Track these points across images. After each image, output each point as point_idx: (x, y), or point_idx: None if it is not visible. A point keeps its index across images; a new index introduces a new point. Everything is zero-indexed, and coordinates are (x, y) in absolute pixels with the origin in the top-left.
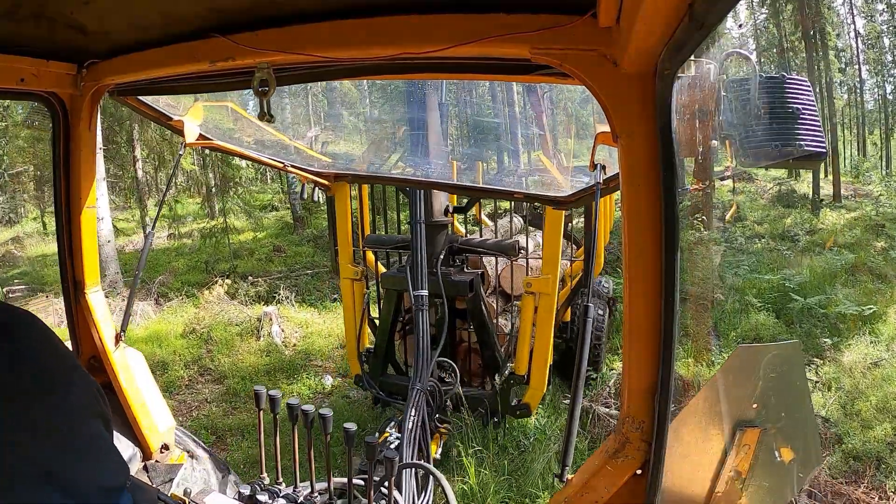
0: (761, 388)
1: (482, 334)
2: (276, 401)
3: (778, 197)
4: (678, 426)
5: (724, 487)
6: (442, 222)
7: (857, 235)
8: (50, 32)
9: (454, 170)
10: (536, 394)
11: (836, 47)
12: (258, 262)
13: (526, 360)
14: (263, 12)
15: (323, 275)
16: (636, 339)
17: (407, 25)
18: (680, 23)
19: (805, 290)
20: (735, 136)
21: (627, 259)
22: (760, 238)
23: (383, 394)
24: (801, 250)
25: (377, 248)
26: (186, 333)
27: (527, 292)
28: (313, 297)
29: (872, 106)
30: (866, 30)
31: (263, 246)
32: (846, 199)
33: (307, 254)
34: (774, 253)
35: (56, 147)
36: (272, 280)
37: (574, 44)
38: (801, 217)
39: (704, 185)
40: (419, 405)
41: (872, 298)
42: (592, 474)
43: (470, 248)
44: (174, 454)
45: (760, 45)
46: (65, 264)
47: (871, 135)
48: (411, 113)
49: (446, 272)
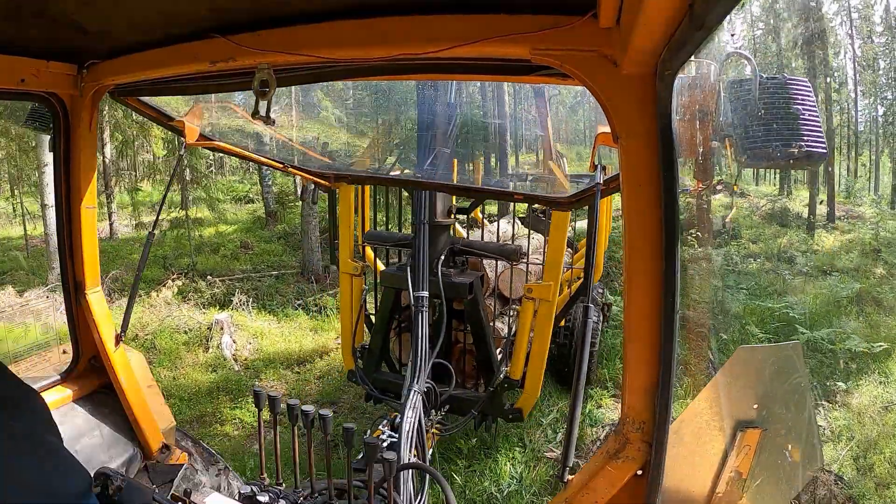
0: (762, 389)
1: (479, 337)
2: (276, 401)
3: (771, 214)
4: (679, 427)
5: (725, 488)
6: (445, 223)
7: (855, 260)
8: (50, 33)
9: (454, 170)
10: (530, 399)
11: (832, 66)
12: (222, 260)
13: (522, 364)
14: (263, 12)
15: (289, 277)
16: (636, 339)
17: (407, 26)
18: (680, 23)
19: (811, 320)
20: (735, 136)
21: (628, 259)
22: (756, 258)
23: (376, 391)
24: (798, 272)
25: (377, 244)
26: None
27: (527, 297)
28: (274, 303)
29: (863, 127)
30: (863, 50)
31: (231, 241)
32: (839, 219)
33: (275, 252)
34: (772, 275)
35: (56, 147)
36: (232, 281)
37: (574, 44)
38: (797, 236)
39: (705, 185)
40: (416, 406)
41: (880, 332)
42: (593, 475)
43: (472, 250)
44: (174, 454)
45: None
46: (65, 264)
47: (860, 155)
48: (410, 112)
49: (446, 273)
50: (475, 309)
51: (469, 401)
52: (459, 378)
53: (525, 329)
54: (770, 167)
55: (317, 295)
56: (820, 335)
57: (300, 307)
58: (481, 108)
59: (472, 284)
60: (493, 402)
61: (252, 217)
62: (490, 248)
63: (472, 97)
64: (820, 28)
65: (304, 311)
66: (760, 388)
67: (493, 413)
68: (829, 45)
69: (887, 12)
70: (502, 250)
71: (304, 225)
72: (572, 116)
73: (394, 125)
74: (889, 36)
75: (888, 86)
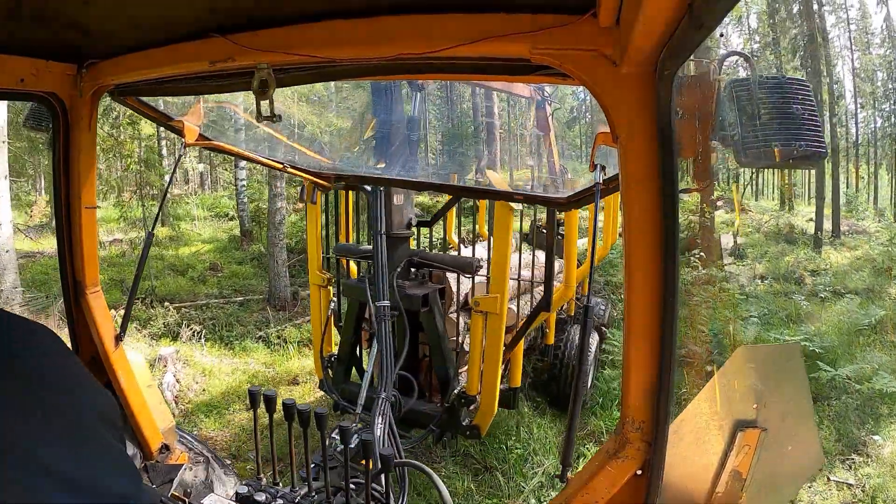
0: (761, 389)
1: (435, 350)
2: (273, 401)
3: (776, 231)
4: (678, 426)
5: (724, 488)
6: (403, 235)
7: (867, 279)
8: (50, 32)
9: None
10: (486, 416)
11: (831, 76)
12: (188, 283)
13: (477, 380)
14: (263, 12)
15: (254, 304)
16: (636, 339)
17: (407, 25)
18: (680, 23)
19: (833, 355)
20: (735, 136)
21: (627, 259)
22: (763, 279)
23: (343, 401)
24: (810, 294)
25: (344, 256)
26: None
27: (475, 311)
28: (233, 334)
29: (861, 139)
30: (862, 62)
31: (203, 261)
32: (843, 234)
33: (245, 275)
34: (782, 298)
35: (56, 147)
36: (188, 309)
37: (574, 44)
38: (804, 254)
39: (705, 185)
40: (385, 412)
41: None
42: (592, 475)
43: (427, 262)
44: (174, 454)
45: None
46: (65, 265)
47: (860, 167)
48: (397, 113)
49: (401, 285)
50: (431, 321)
51: (428, 415)
52: (427, 392)
53: (476, 343)
54: (770, 167)
55: (281, 325)
56: (845, 372)
57: (260, 339)
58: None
59: (426, 296)
60: (450, 418)
61: (229, 235)
62: (445, 259)
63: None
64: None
65: (265, 344)
66: (760, 388)
67: (450, 429)
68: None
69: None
70: (456, 262)
71: (270, 247)
72: (568, 132)
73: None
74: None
75: (886, 97)
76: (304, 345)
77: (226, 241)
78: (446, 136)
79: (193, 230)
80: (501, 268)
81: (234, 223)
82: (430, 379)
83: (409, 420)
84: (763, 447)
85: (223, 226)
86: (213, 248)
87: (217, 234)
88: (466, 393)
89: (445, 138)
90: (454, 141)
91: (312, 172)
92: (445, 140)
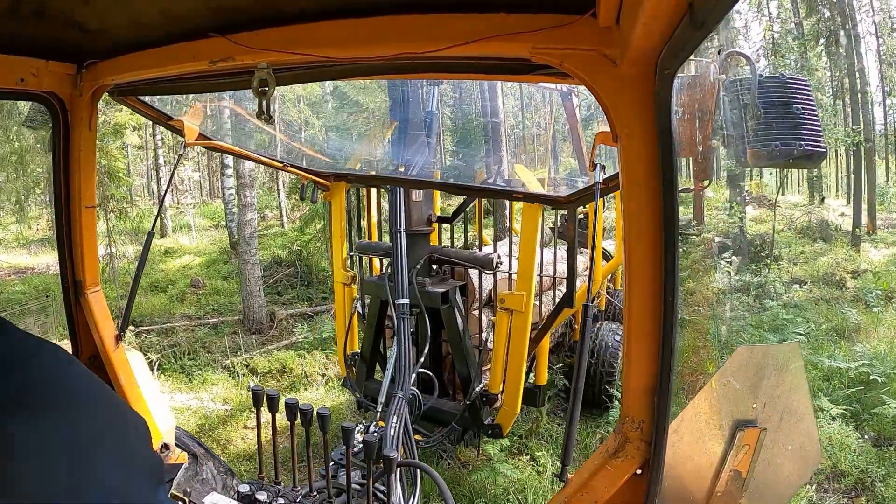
0: (761, 389)
1: (455, 347)
2: (275, 400)
3: (808, 227)
4: (678, 426)
5: (724, 487)
6: (423, 231)
7: None
8: (50, 32)
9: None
10: (509, 415)
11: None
12: (165, 302)
13: (500, 378)
14: (263, 12)
15: (227, 326)
16: (636, 339)
17: (407, 25)
18: (680, 23)
19: (893, 378)
20: (735, 135)
21: (627, 259)
22: (801, 284)
23: (366, 399)
24: (854, 299)
25: (366, 254)
26: None
27: (500, 308)
28: (199, 362)
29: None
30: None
31: (187, 277)
32: (880, 228)
33: (226, 292)
34: (824, 305)
35: (56, 147)
36: (149, 335)
37: (574, 44)
38: (843, 252)
39: (705, 185)
40: (401, 412)
41: None
42: (592, 474)
43: (447, 258)
44: (174, 454)
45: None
46: (65, 264)
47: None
48: (410, 114)
49: (422, 282)
50: (451, 318)
51: (449, 413)
52: (450, 390)
53: (500, 341)
54: (770, 167)
55: (254, 351)
56: None
57: (226, 369)
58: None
59: (446, 293)
60: (472, 416)
61: (219, 248)
62: (464, 256)
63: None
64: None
65: (229, 374)
66: (760, 387)
67: (472, 427)
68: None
69: None
70: (476, 258)
71: (242, 265)
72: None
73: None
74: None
75: None
76: (273, 377)
77: (217, 253)
78: (461, 133)
79: (189, 243)
80: (528, 265)
81: (226, 234)
82: (453, 377)
83: (431, 418)
84: (763, 447)
85: (216, 237)
86: (203, 261)
87: (208, 247)
88: (489, 391)
89: (461, 135)
90: (467, 139)
91: (312, 171)
92: (460, 137)
